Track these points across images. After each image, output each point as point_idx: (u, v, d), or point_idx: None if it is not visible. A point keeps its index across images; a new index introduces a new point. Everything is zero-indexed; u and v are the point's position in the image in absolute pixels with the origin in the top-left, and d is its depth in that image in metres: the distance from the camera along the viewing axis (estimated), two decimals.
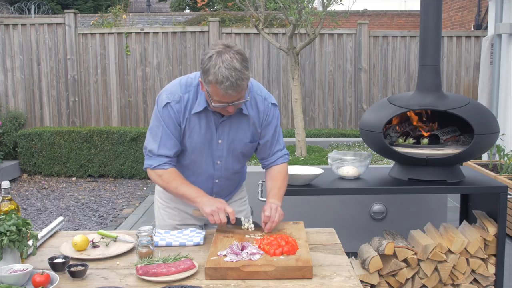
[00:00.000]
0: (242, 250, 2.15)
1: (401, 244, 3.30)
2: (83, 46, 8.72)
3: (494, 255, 3.32)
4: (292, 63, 6.52)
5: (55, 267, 2.07)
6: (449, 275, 3.31)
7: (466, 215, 3.82)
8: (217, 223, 2.38)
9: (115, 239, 2.42)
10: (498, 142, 5.04)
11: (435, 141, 3.43)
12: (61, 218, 2.74)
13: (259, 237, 2.32)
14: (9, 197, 2.27)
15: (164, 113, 2.46)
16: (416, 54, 8.69)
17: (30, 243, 2.14)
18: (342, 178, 3.45)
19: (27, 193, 7.52)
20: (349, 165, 3.43)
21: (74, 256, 2.22)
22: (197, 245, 2.40)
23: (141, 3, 27.03)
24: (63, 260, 2.10)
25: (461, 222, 3.72)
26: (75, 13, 8.76)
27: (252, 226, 2.44)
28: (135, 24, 12.11)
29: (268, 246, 2.17)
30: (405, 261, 3.27)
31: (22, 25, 8.72)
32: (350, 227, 4.41)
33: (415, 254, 3.27)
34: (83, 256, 2.24)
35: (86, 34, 8.73)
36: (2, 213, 2.20)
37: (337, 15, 6.60)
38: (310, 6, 6.38)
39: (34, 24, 8.74)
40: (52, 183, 8.13)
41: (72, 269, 2.02)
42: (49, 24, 8.72)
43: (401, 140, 3.44)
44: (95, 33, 8.73)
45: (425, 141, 3.39)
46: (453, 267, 3.30)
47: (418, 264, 3.29)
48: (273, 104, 2.58)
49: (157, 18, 15.93)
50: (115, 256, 2.26)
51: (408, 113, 3.48)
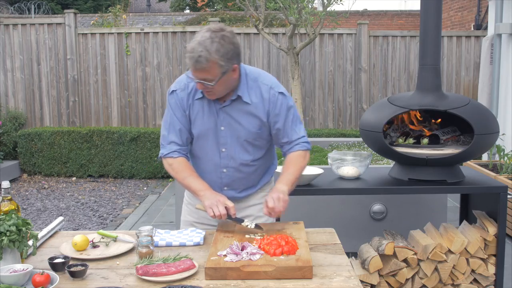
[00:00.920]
0: (242, 250, 2.15)
1: (401, 244, 3.30)
2: (83, 46, 8.72)
3: (494, 255, 3.32)
4: (292, 63, 6.52)
5: (55, 267, 2.07)
6: (449, 275, 3.31)
7: (466, 215, 3.82)
8: (216, 216, 2.39)
9: (115, 239, 2.42)
10: (498, 142, 5.03)
11: (435, 141, 3.43)
12: (61, 218, 2.74)
13: (259, 237, 2.32)
14: (9, 197, 2.27)
15: (171, 100, 2.58)
16: (416, 54, 8.69)
17: (30, 243, 2.13)
18: (342, 178, 3.45)
19: (27, 193, 7.52)
20: (349, 165, 3.43)
21: (74, 256, 2.22)
22: (197, 245, 2.40)
23: (141, 3, 27.03)
24: (63, 260, 2.10)
25: (461, 222, 3.72)
26: (75, 13, 8.76)
27: (253, 225, 2.44)
28: (135, 24, 12.10)
29: (268, 246, 2.17)
30: (405, 261, 3.27)
31: (22, 25, 8.72)
32: (350, 227, 4.41)
33: (415, 254, 3.27)
34: (83, 256, 2.24)
35: (86, 34, 8.73)
36: (2, 213, 2.20)
37: (337, 15, 6.61)
38: (310, 6, 6.38)
39: (34, 24, 8.74)
40: (52, 183, 8.13)
41: (72, 269, 2.02)
42: (49, 24, 8.72)
43: (401, 140, 3.44)
44: (95, 33, 8.73)
45: (425, 141, 3.39)
46: (453, 267, 3.30)
47: (418, 264, 3.29)
48: (281, 93, 2.56)
49: (157, 18, 15.93)
50: (115, 256, 2.26)
51: (408, 113, 3.48)
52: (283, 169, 2.61)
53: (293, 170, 2.58)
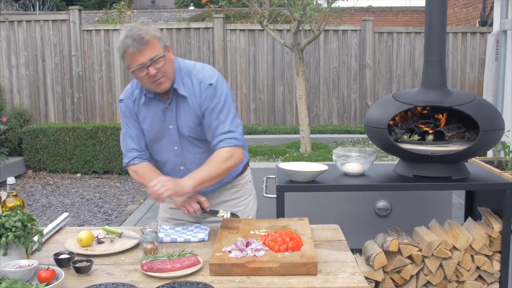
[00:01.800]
0: (246, 246, 2.15)
1: (406, 240, 3.30)
2: (88, 42, 8.73)
3: (499, 252, 3.31)
4: (296, 60, 6.51)
5: (60, 262, 2.08)
6: (454, 272, 3.30)
7: (471, 212, 3.81)
8: (191, 212, 2.44)
9: (120, 235, 2.43)
10: (503, 138, 5.01)
11: (440, 138, 3.42)
12: (66, 214, 2.74)
13: (263, 233, 2.32)
14: (14, 193, 2.28)
15: (121, 109, 2.63)
16: (421, 50, 8.67)
17: (35, 239, 2.14)
18: (346, 174, 3.45)
19: (32, 189, 7.54)
20: (353, 161, 3.43)
21: (79, 252, 2.23)
22: (202, 241, 2.40)
23: (145, 0, 27.03)
24: (68, 256, 2.11)
25: (466, 218, 3.71)
26: (79, 10, 8.77)
27: (228, 214, 2.46)
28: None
29: (272, 242, 2.17)
30: (410, 257, 3.27)
31: (27, 21, 8.73)
32: (354, 223, 4.40)
33: (420, 250, 3.26)
34: (88, 252, 2.25)
35: (90, 30, 8.73)
36: (7, 209, 2.21)
37: (342, 12, 6.59)
38: (314, 2, 6.37)
39: (38, 20, 8.76)
40: (57, 179, 8.15)
41: (77, 265, 2.03)
42: (53, 20, 8.73)
43: (406, 136, 3.44)
44: (100, 30, 8.74)
45: (430, 137, 3.38)
46: (458, 264, 3.29)
47: (422, 260, 3.29)
48: (210, 84, 2.50)
49: (162, 14, 15.93)
50: (120, 252, 2.27)
51: (413, 110, 3.47)
52: (202, 166, 2.51)
53: (209, 169, 2.45)
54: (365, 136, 7.05)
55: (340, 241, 2.40)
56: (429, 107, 3.48)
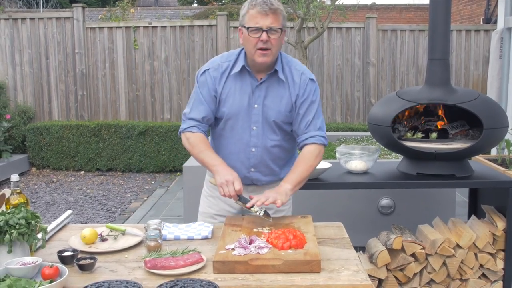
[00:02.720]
0: (250, 243, 2.15)
1: (409, 238, 3.30)
2: (91, 40, 8.73)
3: (502, 250, 3.31)
4: (300, 57, 6.51)
5: (64, 260, 2.08)
6: (458, 270, 3.30)
7: (474, 210, 3.81)
8: (226, 196, 2.42)
9: (123, 233, 2.43)
10: (507, 136, 5.00)
11: (444, 136, 3.41)
12: (69, 211, 2.75)
13: (267, 231, 2.32)
14: (18, 191, 2.28)
15: (201, 79, 2.62)
16: (424, 48, 8.65)
17: (39, 236, 2.14)
18: (350, 172, 3.45)
19: (36, 187, 7.56)
20: (357, 159, 3.43)
21: (82, 249, 2.23)
22: (205, 238, 2.40)
23: None
24: (72, 253, 2.11)
25: (469, 216, 3.70)
26: (83, 7, 8.77)
27: (262, 212, 2.43)
28: (143, 18, 12.11)
29: (276, 240, 2.17)
30: (413, 255, 3.27)
31: (30, 19, 8.74)
32: (358, 221, 4.40)
33: (423, 248, 3.26)
34: (92, 249, 2.25)
35: (94, 28, 8.74)
36: (11, 206, 2.22)
37: (346, 9, 6.59)
38: (318, 0, 6.36)
39: (42, 18, 8.76)
40: (60, 176, 8.17)
41: (80, 262, 2.03)
42: (57, 18, 8.73)
43: (409, 134, 3.43)
44: (103, 27, 8.74)
45: (434, 135, 3.38)
46: (462, 262, 3.29)
47: (426, 258, 3.28)
48: (311, 79, 2.61)
49: (165, 12, 15.93)
50: (124, 249, 2.27)
51: (416, 107, 3.47)
52: (293, 166, 2.60)
53: (302, 169, 2.55)
54: (368, 133, 7.03)
55: (343, 239, 2.40)
56: (432, 105, 3.48)
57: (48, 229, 2.39)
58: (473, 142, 3.28)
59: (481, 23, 10.83)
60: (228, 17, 8.82)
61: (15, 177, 2.28)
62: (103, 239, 2.37)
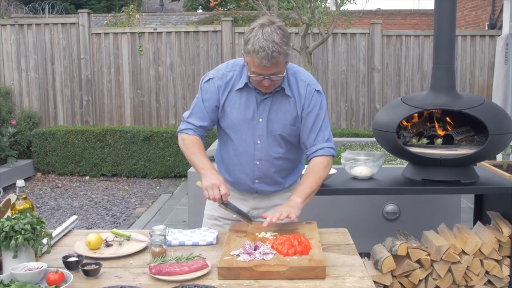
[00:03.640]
0: (255, 249, 2.15)
1: (415, 244, 3.29)
2: (97, 45, 8.76)
3: (508, 257, 3.30)
4: (305, 63, 6.51)
5: (69, 265, 2.08)
6: (463, 276, 3.29)
7: (480, 216, 3.79)
8: (211, 199, 2.43)
9: (128, 238, 2.43)
10: None
11: (449, 141, 3.41)
12: (74, 217, 2.75)
13: (272, 237, 2.32)
14: (23, 196, 2.29)
15: (205, 86, 2.60)
16: (429, 53, 8.64)
17: (44, 241, 2.15)
18: (355, 178, 3.44)
19: (41, 192, 7.57)
20: (362, 165, 3.42)
21: (87, 254, 2.23)
22: (210, 244, 2.40)
23: (154, 3, 27.12)
24: (77, 258, 2.11)
25: (475, 223, 3.69)
26: (88, 13, 8.80)
27: (267, 235, 2.38)
28: (148, 23, 12.14)
29: (281, 246, 2.16)
30: (419, 262, 3.26)
31: (36, 25, 8.78)
32: (363, 227, 4.39)
33: (429, 255, 3.25)
34: (97, 255, 2.25)
35: (99, 33, 8.77)
36: (17, 212, 2.22)
37: (350, 15, 6.59)
38: (323, 5, 6.37)
39: (48, 24, 8.80)
40: (65, 182, 8.19)
41: (86, 268, 2.03)
42: (63, 24, 8.77)
43: (414, 140, 3.43)
44: (109, 33, 8.77)
45: (439, 141, 3.37)
46: (467, 268, 3.28)
47: (431, 265, 3.27)
48: (317, 91, 2.58)
49: (170, 17, 15.98)
50: (129, 255, 2.27)
51: (421, 113, 3.46)
52: (302, 178, 2.60)
53: (311, 181, 2.54)
54: (373, 139, 7.02)
55: (348, 245, 2.40)
56: (438, 111, 3.47)
57: (53, 235, 2.39)
58: (479, 148, 3.28)
59: (486, 28, 10.82)
60: (233, 22, 8.84)
61: (20, 183, 2.28)
62: (108, 245, 2.37)
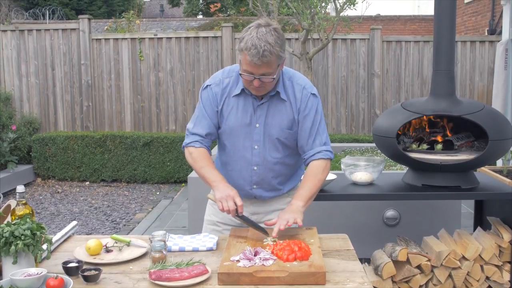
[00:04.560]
0: (255, 255, 2.15)
1: (415, 250, 3.28)
2: (97, 51, 8.77)
3: (509, 262, 3.29)
4: (305, 69, 6.52)
5: (69, 271, 2.08)
6: (463, 282, 3.28)
7: (480, 222, 3.79)
8: (225, 211, 2.41)
9: (128, 244, 2.43)
10: None
11: (449, 147, 3.41)
12: (74, 222, 2.75)
13: (272, 243, 2.32)
14: (23, 201, 2.29)
15: (203, 95, 2.62)
16: (429, 59, 8.65)
17: (44, 247, 2.15)
18: (355, 183, 3.44)
19: (41, 197, 7.57)
20: (362, 170, 3.42)
21: (87, 260, 2.23)
22: (210, 250, 2.40)
23: (154, 9, 27.20)
24: (76, 264, 2.11)
25: (475, 228, 3.69)
26: (89, 19, 8.82)
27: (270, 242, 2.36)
28: (149, 29, 12.17)
29: (281, 251, 2.16)
30: (419, 267, 3.25)
31: (37, 30, 8.80)
32: (363, 233, 4.38)
33: (429, 260, 3.25)
34: (97, 260, 2.25)
35: (100, 39, 8.78)
36: (17, 217, 2.22)
37: (350, 20, 6.60)
38: (323, 11, 6.39)
39: (48, 29, 8.82)
40: (65, 187, 8.18)
41: (85, 273, 2.03)
42: (63, 29, 8.79)
43: (414, 145, 3.43)
44: (109, 39, 8.78)
45: (439, 146, 3.37)
46: (467, 274, 3.27)
47: (431, 270, 3.27)
48: (313, 94, 2.58)
49: (170, 23, 16.01)
50: (129, 260, 2.27)
51: (421, 119, 3.47)
52: (302, 182, 2.61)
53: (311, 185, 2.55)
54: (373, 145, 7.02)
55: (348, 251, 2.39)
56: (438, 116, 3.47)
57: (53, 240, 2.39)
58: (479, 153, 3.28)
59: (486, 34, 10.84)
60: (233, 28, 8.85)
61: (20, 188, 2.28)
62: (108, 250, 2.37)
